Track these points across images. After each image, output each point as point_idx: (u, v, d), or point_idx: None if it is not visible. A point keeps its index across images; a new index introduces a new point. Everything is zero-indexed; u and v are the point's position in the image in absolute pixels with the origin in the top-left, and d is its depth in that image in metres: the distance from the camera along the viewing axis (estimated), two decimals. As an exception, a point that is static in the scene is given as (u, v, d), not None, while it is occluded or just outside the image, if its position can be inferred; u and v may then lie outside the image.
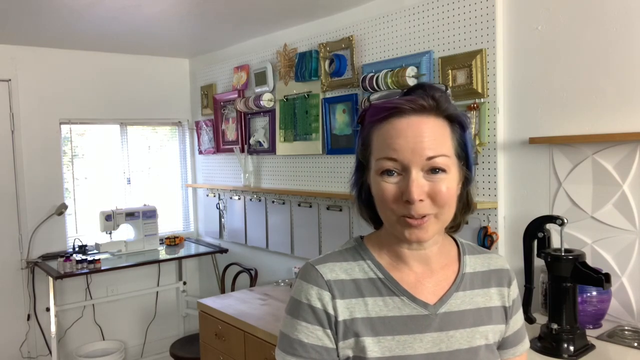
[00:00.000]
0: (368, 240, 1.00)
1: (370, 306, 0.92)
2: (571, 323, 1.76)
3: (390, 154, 0.86)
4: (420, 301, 0.93)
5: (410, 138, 0.86)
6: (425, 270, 0.96)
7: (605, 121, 1.98)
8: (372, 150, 0.90)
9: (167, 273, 4.28)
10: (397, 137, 0.86)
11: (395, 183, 0.87)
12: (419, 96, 0.88)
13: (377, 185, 0.89)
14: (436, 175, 0.86)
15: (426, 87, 0.90)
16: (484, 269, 1.01)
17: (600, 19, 1.98)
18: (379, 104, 0.90)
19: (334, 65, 2.95)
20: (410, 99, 0.88)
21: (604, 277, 1.67)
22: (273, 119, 3.50)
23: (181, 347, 3.47)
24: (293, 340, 0.92)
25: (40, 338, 3.73)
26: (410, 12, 2.60)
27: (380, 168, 0.88)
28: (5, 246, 3.63)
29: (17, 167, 3.65)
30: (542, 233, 1.87)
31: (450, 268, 0.98)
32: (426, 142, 0.86)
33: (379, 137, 0.89)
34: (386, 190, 0.87)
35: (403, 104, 0.87)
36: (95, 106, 3.95)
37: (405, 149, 0.85)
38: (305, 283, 0.93)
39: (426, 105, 0.87)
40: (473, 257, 1.02)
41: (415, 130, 0.86)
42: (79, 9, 2.83)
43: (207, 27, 3.34)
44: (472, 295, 0.97)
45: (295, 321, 0.92)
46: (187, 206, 4.52)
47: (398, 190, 0.86)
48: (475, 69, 2.31)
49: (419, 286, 0.95)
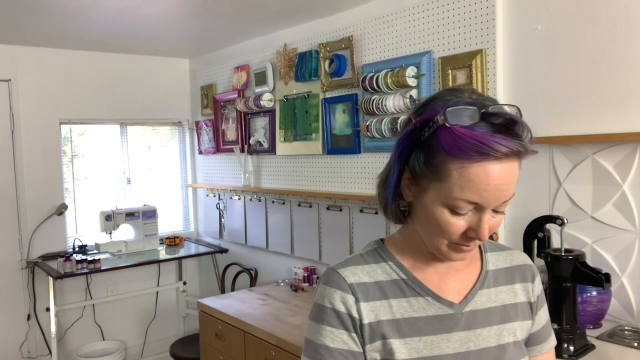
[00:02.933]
0: (389, 242, 0.99)
1: (395, 308, 0.91)
2: (571, 323, 1.76)
3: (475, 199, 0.81)
4: (445, 300, 0.93)
5: (500, 186, 0.81)
6: (449, 270, 0.96)
7: (605, 121, 1.98)
8: (448, 183, 0.82)
9: (167, 273, 4.28)
10: (488, 184, 0.80)
11: (464, 219, 0.84)
12: (514, 139, 0.80)
13: (440, 216, 0.85)
14: (499, 213, 0.86)
15: (520, 125, 0.82)
16: (506, 266, 1.00)
17: (600, 19, 1.98)
18: (464, 134, 0.79)
19: (334, 65, 2.95)
20: (507, 145, 0.79)
21: (604, 277, 1.67)
22: (273, 119, 3.50)
23: (181, 347, 3.47)
24: (318, 346, 0.91)
25: (40, 338, 3.73)
26: (410, 12, 2.60)
27: (454, 207, 0.83)
28: (5, 246, 3.63)
29: (17, 167, 3.65)
30: (542, 233, 1.87)
31: (473, 266, 0.98)
32: (508, 189, 0.82)
33: (464, 175, 0.80)
34: (454, 224, 0.84)
35: (500, 149, 0.79)
36: (95, 106, 3.95)
37: (490, 197, 0.81)
38: (328, 287, 0.92)
39: (522, 150, 0.81)
40: (495, 254, 1.02)
41: (505, 179, 0.81)
42: (79, 9, 2.83)
43: (207, 27, 3.34)
44: (497, 292, 0.97)
45: (320, 326, 0.91)
46: (187, 206, 4.52)
47: (465, 224, 0.85)
48: (475, 69, 2.31)
49: (442, 286, 0.94)
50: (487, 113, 0.81)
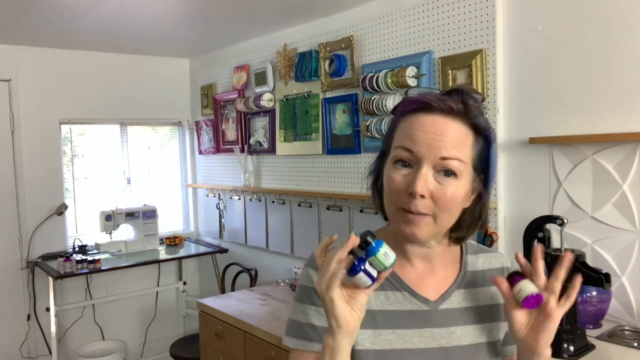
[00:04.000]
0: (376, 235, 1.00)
1: (372, 299, 0.93)
2: (571, 323, 1.76)
3: (407, 145, 0.88)
4: (421, 297, 0.95)
5: (430, 134, 0.87)
6: (427, 268, 0.98)
7: (605, 121, 1.98)
8: (394, 138, 0.92)
9: (167, 273, 4.28)
10: (418, 130, 0.88)
11: (405, 175, 0.88)
12: (451, 98, 0.89)
13: (388, 173, 0.90)
14: (446, 178, 0.87)
15: (463, 92, 0.90)
16: (485, 268, 1.02)
17: (600, 19, 1.98)
18: (413, 97, 0.92)
19: (334, 65, 2.95)
20: (440, 98, 0.89)
21: (604, 277, 1.67)
22: (273, 119, 3.50)
23: (181, 347, 3.47)
24: (304, 325, 0.93)
25: (40, 338, 3.73)
26: (410, 12, 2.60)
27: (395, 156, 0.89)
28: (5, 246, 3.63)
29: (17, 167, 3.65)
30: (542, 233, 1.86)
31: (452, 267, 1.00)
32: (444, 142, 0.86)
33: (403, 127, 0.91)
34: (394, 179, 0.88)
35: (432, 101, 0.88)
36: (95, 106, 3.95)
37: (422, 143, 0.87)
38: (312, 269, 0.94)
39: (455, 108, 0.88)
40: (475, 256, 1.03)
41: (437, 128, 0.87)
42: (79, 9, 2.83)
43: (207, 27, 3.34)
44: (475, 293, 0.99)
45: (305, 306, 0.94)
46: (187, 206, 4.52)
47: (405, 182, 0.87)
48: (475, 69, 2.31)
49: (420, 283, 0.96)
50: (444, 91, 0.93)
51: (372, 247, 0.80)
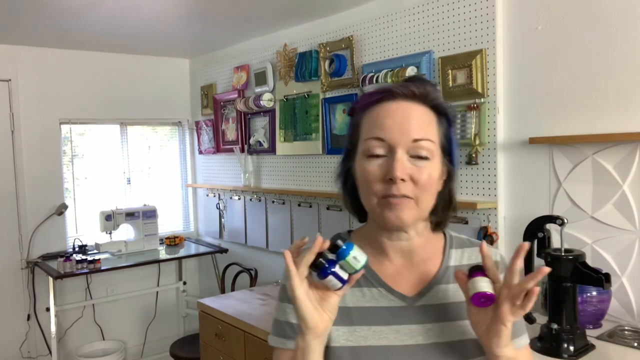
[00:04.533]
0: (355, 234, 1.02)
1: (348, 296, 0.93)
2: (571, 323, 1.76)
3: (378, 134, 0.89)
4: (397, 293, 0.94)
5: (399, 119, 0.89)
6: (406, 263, 0.96)
7: (605, 121, 1.98)
8: (361, 132, 0.92)
9: (167, 273, 4.28)
10: (386, 118, 0.89)
11: (380, 165, 0.88)
12: (411, 85, 0.92)
13: (362, 167, 0.90)
14: (420, 161, 0.88)
15: (419, 79, 0.94)
16: (471, 262, 0.98)
17: (600, 19, 1.98)
18: (373, 90, 0.94)
19: (334, 65, 2.95)
20: (402, 85, 0.92)
21: (604, 277, 1.67)
22: (273, 119, 3.50)
23: (181, 347, 3.46)
24: (283, 323, 0.95)
25: (40, 338, 3.73)
26: (410, 12, 2.60)
27: (367, 149, 0.90)
28: (5, 246, 3.63)
29: (17, 167, 3.65)
30: (542, 233, 1.86)
31: (433, 261, 0.98)
32: (413, 125, 0.89)
33: (369, 119, 0.92)
34: (371, 171, 0.89)
35: (395, 88, 0.91)
36: (95, 106, 3.95)
37: (393, 129, 0.88)
38: None
39: (416, 92, 0.90)
40: (460, 250, 1.01)
41: (404, 113, 0.89)
42: (79, 9, 2.83)
43: (207, 27, 3.34)
44: (456, 289, 0.94)
45: (284, 304, 0.95)
46: (187, 206, 4.52)
47: (382, 170, 0.88)
48: (475, 69, 2.31)
49: (397, 278, 0.95)
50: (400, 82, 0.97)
51: (342, 251, 0.81)
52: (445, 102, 0.94)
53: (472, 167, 2.38)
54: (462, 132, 2.40)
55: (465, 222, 2.42)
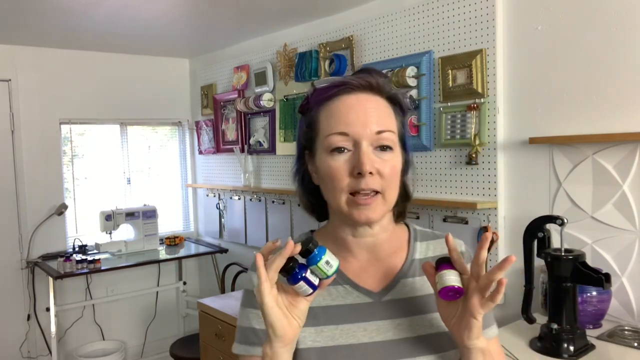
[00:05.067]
0: (318, 233, 1.00)
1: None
2: (571, 323, 1.76)
3: (342, 128, 0.86)
4: (363, 289, 0.92)
5: (361, 112, 0.87)
6: (371, 258, 0.95)
7: (605, 121, 1.98)
8: (320, 129, 0.89)
9: (167, 273, 4.28)
10: (348, 112, 0.87)
11: (346, 160, 0.86)
12: (363, 76, 0.90)
13: (326, 164, 0.87)
14: (384, 152, 0.87)
15: (371, 71, 0.92)
16: (436, 254, 0.97)
17: (600, 19, 1.98)
18: (328, 84, 0.91)
19: (334, 65, 2.95)
20: (358, 77, 0.89)
21: (604, 277, 1.67)
22: (273, 119, 3.50)
23: (181, 347, 3.46)
24: (246, 329, 0.92)
25: (40, 338, 3.73)
26: (410, 12, 2.60)
27: (330, 145, 0.87)
28: (5, 246, 3.63)
29: (17, 167, 3.65)
30: (542, 233, 1.86)
31: (398, 255, 0.96)
32: (375, 117, 0.87)
33: (328, 114, 0.89)
34: (337, 167, 0.86)
35: (352, 81, 0.89)
36: (95, 106, 3.95)
37: (356, 123, 0.86)
38: (253, 273, 0.91)
39: (374, 83, 0.89)
40: (425, 242, 1.00)
41: (365, 105, 0.88)
42: (79, 9, 2.83)
43: (207, 27, 3.34)
44: (423, 282, 0.93)
45: (247, 310, 0.93)
46: (187, 206, 4.52)
47: (349, 165, 0.86)
48: (475, 69, 2.31)
49: (363, 274, 0.93)
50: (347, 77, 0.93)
51: (314, 256, 0.78)
52: (398, 91, 0.94)
53: (472, 167, 2.38)
54: (462, 132, 2.40)
55: (465, 222, 2.42)
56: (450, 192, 2.48)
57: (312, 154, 0.92)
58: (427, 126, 2.52)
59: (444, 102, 2.46)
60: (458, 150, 2.44)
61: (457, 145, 2.43)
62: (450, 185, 2.48)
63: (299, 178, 0.97)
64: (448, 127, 2.45)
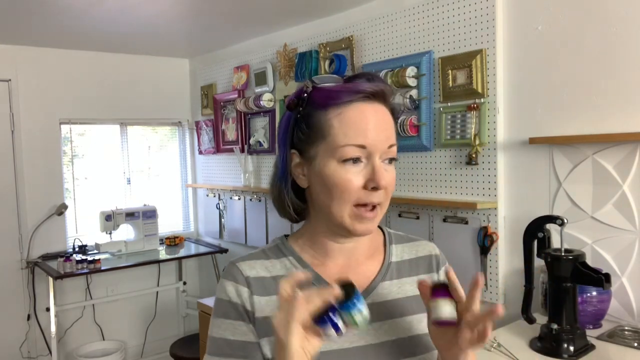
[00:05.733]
0: (292, 238, 0.98)
1: None
2: (571, 323, 1.76)
3: (361, 141, 0.83)
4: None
5: (380, 125, 0.85)
6: (349, 262, 0.94)
7: (605, 121, 1.98)
8: (332, 135, 0.84)
9: (167, 273, 4.28)
10: (367, 123, 0.84)
11: (359, 172, 0.84)
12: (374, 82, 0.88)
13: (336, 173, 0.84)
14: (390, 165, 0.87)
15: (373, 77, 0.89)
16: (411, 257, 0.99)
17: (600, 19, 1.98)
18: (333, 86, 0.87)
19: (334, 65, 2.95)
20: (374, 84, 0.86)
21: (604, 277, 1.67)
22: (273, 119, 3.50)
23: (181, 347, 3.47)
24: (218, 340, 0.89)
25: (40, 338, 3.73)
26: (410, 12, 2.60)
27: (344, 155, 0.84)
28: (5, 246, 3.63)
29: (17, 167, 3.65)
30: (542, 233, 1.86)
31: (375, 259, 0.97)
32: (389, 131, 0.87)
33: (345, 122, 0.84)
34: (350, 179, 0.84)
35: (368, 88, 0.85)
36: (95, 106, 3.95)
37: (375, 137, 0.84)
38: (226, 280, 0.91)
39: (387, 92, 0.88)
40: (400, 245, 1.00)
41: (382, 118, 0.86)
42: (79, 8, 2.83)
43: (207, 27, 3.34)
44: (400, 284, 0.94)
45: (220, 320, 0.90)
46: (187, 206, 4.52)
47: (362, 178, 0.84)
48: (475, 69, 2.31)
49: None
50: (348, 77, 0.91)
51: (352, 304, 0.73)
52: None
53: (472, 167, 2.38)
54: (462, 132, 2.40)
55: (465, 222, 2.42)
56: (450, 192, 2.48)
57: (306, 156, 0.88)
58: (427, 126, 2.52)
59: (444, 102, 2.46)
60: (458, 150, 2.44)
61: (457, 145, 2.43)
62: (450, 185, 2.48)
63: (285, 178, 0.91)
64: (448, 127, 2.45)
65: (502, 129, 2.30)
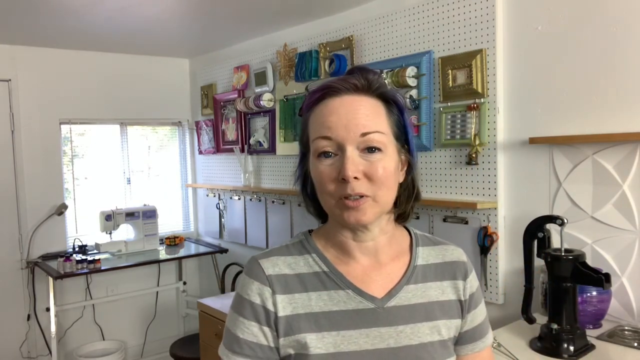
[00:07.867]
0: (315, 234, 0.97)
1: (314, 301, 0.89)
2: (571, 323, 1.76)
3: (324, 132, 0.86)
4: (366, 295, 0.90)
5: (343, 115, 0.85)
6: (373, 263, 0.93)
7: (605, 121, 1.98)
8: (310, 132, 0.89)
9: (167, 273, 4.28)
10: (329, 115, 0.86)
11: (331, 164, 0.85)
12: (352, 76, 0.89)
13: (314, 168, 0.88)
14: (372, 154, 0.85)
15: (361, 70, 0.91)
16: (438, 261, 0.97)
17: (601, 19, 1.98)
18: (314, 88, 0.91)
19: (334, 65, 2.95)
20: (342, 79, 0.88)
21: (604, 277, 1.67)
22: (273, 119, 3.50)
23: (181, 347, 3.47)
24: (231, 336, 0.91)
25: (40, 338, 3.73)
26: (410, 12, 2.60)
27: (316, 149, 0.87)
28: (5, 246, 3.63)
29: (17, 167, 3.65)
30: (542, 233, 1.86)
31: (401, 260, 0.95)
32: (360, 119, 0.85)
33: (314, 118, 0.89)
34: (323, 171, 0.86)
35: (335, 83, 0.88)
36: (95, 106, 3.95)
37: (338, 126, 0.85)
38: (248, 278, 0.91)
39: (358, 84, 0.88)
40: (427, 248, 0.98)
41: (348, 107, 0.86)
42: (79, 9, 2.83)
43: (207, 27, 3.34)
44: (425, 289, 0.93)
45: (235, 315, 0.91)
46: (187, 206, 4.52)
47: (334, 170, 0.85)
48: (475, 69, 2.31)
49: (366, 279, 0.91)
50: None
51: None
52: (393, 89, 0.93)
53: (472, 167, 2.38)
54: (462, 132, 2.40)
55: (465, 222, 2.42)
56: (450, 192, 2.48)
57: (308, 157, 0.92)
58: (427, 126, 2.52)
59: (444, 102, 2.46)
60: (458, 150, 2.44)
61: (457, 145, 2.43)
62: (450, 185, 2.48)
63: (301, 180, 0.96)
64: (448, 127, 2.45)
65: (502, 129, 2.30)
